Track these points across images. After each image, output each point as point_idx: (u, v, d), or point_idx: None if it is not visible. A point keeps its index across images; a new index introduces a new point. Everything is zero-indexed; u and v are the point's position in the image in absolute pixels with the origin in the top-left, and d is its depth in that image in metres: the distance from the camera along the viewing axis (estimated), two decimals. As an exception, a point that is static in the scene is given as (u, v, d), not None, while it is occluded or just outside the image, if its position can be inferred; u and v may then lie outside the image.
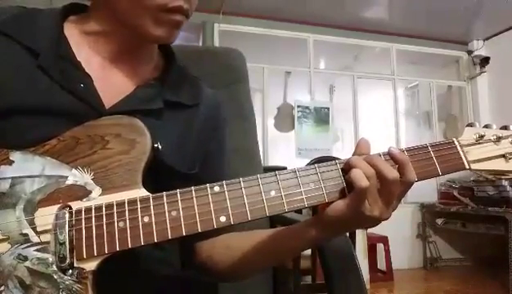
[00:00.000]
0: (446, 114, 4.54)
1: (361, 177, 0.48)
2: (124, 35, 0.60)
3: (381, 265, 3.61)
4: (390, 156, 0.51)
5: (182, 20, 0.58)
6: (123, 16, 0.58)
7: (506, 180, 3.26)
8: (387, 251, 3.56)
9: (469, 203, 3.51)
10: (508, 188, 3.26)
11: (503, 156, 0.56)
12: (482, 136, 0.56)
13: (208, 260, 0.66)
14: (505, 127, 0.58)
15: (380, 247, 3.57)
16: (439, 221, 3.93)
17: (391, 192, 0.50)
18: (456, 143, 0.56)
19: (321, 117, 3.92)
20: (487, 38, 4.29)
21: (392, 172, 0.49)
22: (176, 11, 0.57)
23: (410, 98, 4.88)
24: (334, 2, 3.60)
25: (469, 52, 4.42)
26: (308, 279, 2.09)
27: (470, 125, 0.58)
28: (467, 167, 0.55)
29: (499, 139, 0.56)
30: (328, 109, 3.96)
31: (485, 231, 3.51)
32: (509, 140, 0.56)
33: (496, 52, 4.20)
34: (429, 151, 0.54)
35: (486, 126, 0.58)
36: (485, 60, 4.24)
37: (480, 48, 4.33)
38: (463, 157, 0.55)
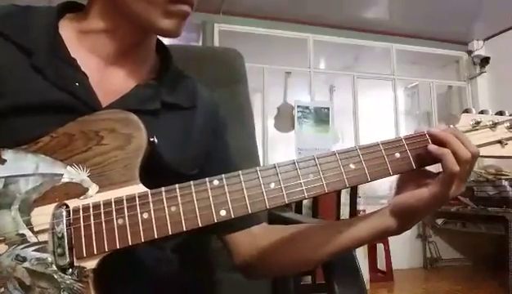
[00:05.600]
0: (446, 114, 4.54)
1: (452, 162, 0.48)
2: (127, 31, 0.59)
3: (381, 265, 3.60)
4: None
5: (189, 10, 0.58)
6: (128, 10, 0.57)
7: (506, 180, 3.26)
8: (387, 251, 3.55)
9: (469, 203, 3.50)
10: (508, 188, 3.25)
11: (499, 142, 0.56)
12: (478, 123, 0.56)
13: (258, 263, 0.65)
14: (501, 113, 0.57)
15: (380, 247, 3.56)
16: (439, 221, 3.92)
17: (472, 168, 0.51)
18: None
19: (321, 117, 3.91)
20: (487, 38, 4.29)
21: (474, 148, 0.51)
22: (183, 1, 0.56)
23: (410, 98, 4.88)
24: (335, 3, 3.60)
25: (469, 52, 4.41)
26: (308, 279, 2.09)
27: (466, 111, 0.58)
28: None
29: (495, 125, 0.56)
30: (328, 109, 3.95)
31: (485, 231, 3.51)
32: (505, 125, 0.56)
33: (496, 52, 4.19)
34: (427, 139, 0.54)
35: (482, 112, 0.57)
36: (485, 60, 4.24)
37: (480, 48, 4.32)
38: None
